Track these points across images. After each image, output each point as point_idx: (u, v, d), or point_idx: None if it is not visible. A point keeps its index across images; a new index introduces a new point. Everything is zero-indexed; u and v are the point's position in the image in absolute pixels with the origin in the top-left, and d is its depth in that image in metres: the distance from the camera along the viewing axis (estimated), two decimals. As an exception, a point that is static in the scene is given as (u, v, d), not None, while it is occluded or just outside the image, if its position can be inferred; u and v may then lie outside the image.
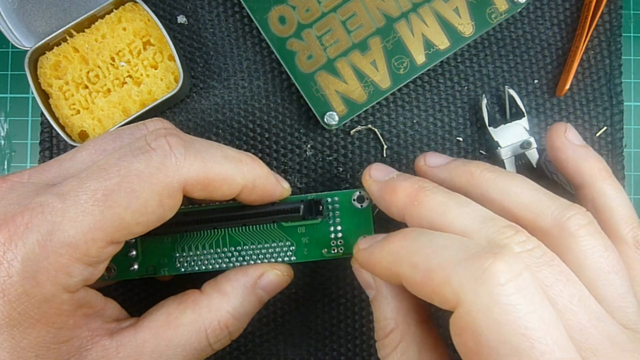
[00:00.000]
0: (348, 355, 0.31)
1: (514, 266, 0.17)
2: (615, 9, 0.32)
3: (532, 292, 0.17)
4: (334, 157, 0.32)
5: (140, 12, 0.30)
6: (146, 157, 0.20)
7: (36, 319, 0.19)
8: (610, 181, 0.25)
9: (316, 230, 0.26)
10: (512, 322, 0.16)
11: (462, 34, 0.30)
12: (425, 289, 0.18)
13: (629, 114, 0.33)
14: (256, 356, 0.31)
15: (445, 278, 0.17)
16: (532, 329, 0.16)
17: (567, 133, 0.27)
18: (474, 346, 0.17)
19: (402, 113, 0.32)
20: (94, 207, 0.19)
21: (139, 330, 0.22)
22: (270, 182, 0.24)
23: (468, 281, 0.17)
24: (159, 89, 0.30)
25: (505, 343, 0.16)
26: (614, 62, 0.32)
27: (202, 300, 0.23)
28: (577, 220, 0.21)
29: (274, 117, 0.31)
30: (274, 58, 0.31)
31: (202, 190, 0.22)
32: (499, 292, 0.16)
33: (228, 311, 0.23)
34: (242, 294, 0.24)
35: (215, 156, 0.22)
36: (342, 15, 0.30)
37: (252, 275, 0.25)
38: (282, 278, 0.25)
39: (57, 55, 0.30)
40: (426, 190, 0.22)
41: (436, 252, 0.18)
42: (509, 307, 0.16)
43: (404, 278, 0.19)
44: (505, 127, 0.30)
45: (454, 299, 0.17)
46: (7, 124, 0.33)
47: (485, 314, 0.16)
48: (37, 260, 0.19)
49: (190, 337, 0.22)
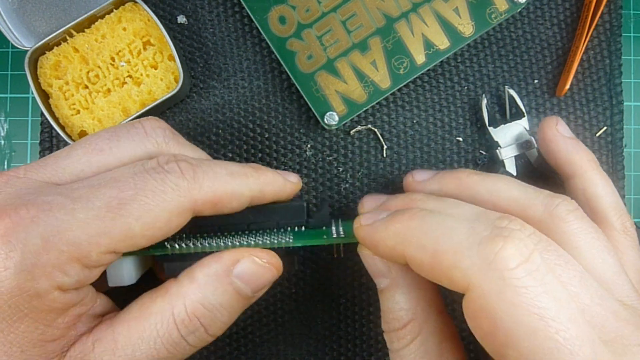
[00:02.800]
0: (348, 355, 0.31)
1: (523, 249, 0.17)
2: (615, 9, 0.32)
3: (542, 273, 0.17)
4: (334, 157, 0.32)
5: (140, 12, 0.30)
6: (161, 177, 0.21)
7: (25, 314, 0.19)
8: (599, 171, 0.26)
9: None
10: (526, 303, 0.16)
11: (462, 34, 0.30)
12: (433, 271, 0.19)
13: (629, 114, 0.33)
14: (256, 356, 0.31)
15: (455, 261, 0.18)
16: (546, 308, 0.16)
17: (559, 126, 0.28)
18: (489, 329, 0.17)
19: (402, 113, 0.32)
20: (107, 214, 0.20)
21: (114, 324, 0.21)
22: (278, 185, 0.24)
23: (479, 265, 0.17)
24: (159, 89, 0.30)
25: (521, 324, 0.16)
26: (614, 62, 0.32)
27: (173, 287, 0.22)
28: (565, 207, 0.22)
29: (274, 117, 0.31)
30: (274, 58, 0.31)
31: (212, 208, 0.22)
32: (510, 275, 0.17)
33: (197, 300, 0.21)
34: (214, 282, 0.22)
35: (221, 175, 0.22)
36: (342, 15, 0.30)
37: (225, 262, 0.22)
38: (262, 267, 0.22)
39: (57, 55, 0.30)
40: (417, 199, 0.23)
41: (445, 234, 0.19)
42: (521, 290, 0.17)
43: (410, 259, 0.20)
44: (505, 127, 0.30)
45: (464, 283, 0.18)
46: (7, 124, 0.33)
47: (498, 297, 0.17)
48: (37, 254, 0.19)
49: (160, 327, 0.21)
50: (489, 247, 0.17)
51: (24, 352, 0.19)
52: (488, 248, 0.17)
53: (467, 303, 0.18)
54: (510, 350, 0.17)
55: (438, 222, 0.19)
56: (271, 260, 0.23)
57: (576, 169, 0.26)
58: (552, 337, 0.16)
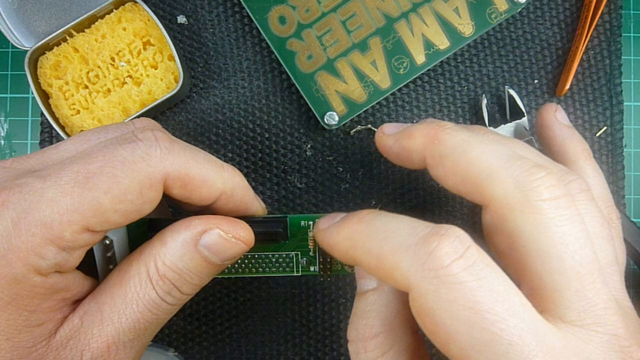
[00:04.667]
0: (348, 355, 0.31)
1: (459, 246, 0.17)
2: (615, 9, 0.32)
3: (479, 267, 0.17)
4: (334, 157, 0.32)
5: (140, 12, 0.30)
6: (132, 146, 0.20)
7: (6, 301, 0.19)
8: (591, 162, 0.26)
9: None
10: (461, 298, 0.17)
11: (462, 34, 0.30)
12: (379, 274, 0.19)
13: (629, 114, 0.33)
14: (256, 356, 0.31)
15: (394, 263, 0.18)
16: (481, 302, 0.17)
17: (557, 113, 0.28)
18: (431, 327, 0.17)
19: (402, 113, 0.32)
20: (73, 189, 0.19)
21: (96, 295, 0.21)
22: (249, 195, 0.24)
23: (415, 266, 0.17)
24: (159, 89, 0.30)
25: (457, 319, 0.17)
26: (614, 62, 0.32)
27: (146, 248, 0.22)
28: (578, 184, 0.21)
29: (274, 117, 0.31)
30: (274, 58, 0.31)
31: (182, 187, 0.21)
32: (444, 273, 0.17)
33: (165, 261, 0.21)
34: (182, 248, 0.21)
35: (199, 157, 0.22)
36: (342, 15, 0.30)
37: (193, 230, 0.22)
38: (227, 241, 0.22)
39: (57, 55, 0.30)
40: (446, 128, 0.22)
41: (388, 237, 0.19)
42: (456, 286, 0.17)
43: (359, 263, 0.20)
44: (505, 127, 0.30)
45: (405, 283, 0.18)
46: (7, 124, 0.33)
47: (434, 296, 0.17)
48: (9, 238, 0.18)
49: (139, 289, 0.21)
50: (424, 247, 0.18)
51: (10, 339, 0.19)
52: (424, 248, 0.18)
53: (411, 303, 0.18)
54: (452, 346, 0.17)
55: (383, 223, 0.19)
56: (238, 234, 0.22)
57: (568, 157, 0.27)
58: (488, 329, 0.16)
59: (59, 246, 0.19)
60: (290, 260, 0.25)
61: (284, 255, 0.25)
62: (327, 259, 0.25)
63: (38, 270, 0.19)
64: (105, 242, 0.23)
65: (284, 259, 0.25)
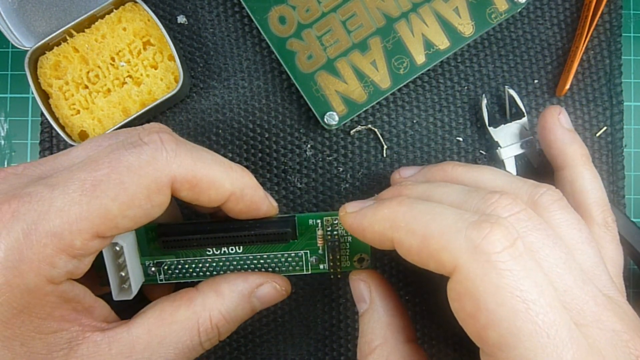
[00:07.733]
0: (348, 355, 0.31)
1: (509, 235, 0.18)
2: (615, 9, 0.32)
3: (525, 258, 0.18)
4: (334, 157, 0.32)
5: (140, 12, 0.30)
6: (137, 150, 0.20)
7: (19, 310, 0.19)
8: (589, 167, 0.27)
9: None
10: (509, 285, 0.17)
11: (462, 34, 0.30)
12: (421, 255, 0.19)
13: (629, 114, 0.33)
14: (256, 356, 0.31)
15: (443, 244, 0.18)
16: (528, 292, 0.17)
17: (560, 116, 0.28)
18: (472, 310, 0.18)
19: (402, 113, 0.32)
20: (81, 197, 0.19)
21: (132, 327, 0.22)
22: (259, 194, 0.24)
23: (466, 248, 0.18)
24: (159, 89, 0.30)
25: (503, 305, 0.17)
26: (614, 62, 0.32)
27: (197, 297, 0.23)
28: (549, 196, 0.22)
29: (274, 117, 0.31)
30: (274, 58, 0.31)
31: (190, 190, 0.22)
32: (496, 258, 0.17)
33: (220, 311, 0.23)
34: (238, 299, 0.24)
35: (206, 158, 0.22)
36: (342, 15, 0.30)
37: (251, 283, 0.24)
38: (279, 292, 0.25)
39: (57, 55, 0.30)
40: (407, 186, 0.23)
41: (434, 219, 0.19)
42: (506, 272, 0.17)
43: (398, 243, 0.20)
44: (505, 127, 0.30)
45: (451, 265, 0.18)
46: (7, 124, 0.33)
47: (483, 279, 0.17)
48: (20, 249, 0.18)
49: (183, 334, 0.22)
50: (476, 231, 0.18)
51: (24, 344, 0.19)
52: (476, 232, 0.18)
53: (453, 285, 0.18)
54: (491, 331, 0.17)
55: (427, 207, 0.20)
56: (286, 286, 0.26)
57: (567, 160, 0.27)
58: (532, 319, 0.17)
59: (69, 254, 0.19)
60: (299, 259, 0.25)
61: (293, 254, 0.25)
62: (336, 256, 0.25)
63: (50, 280, 0.19)
64: (115, 249, 0.23)
65: (293, 258, 0.25)
